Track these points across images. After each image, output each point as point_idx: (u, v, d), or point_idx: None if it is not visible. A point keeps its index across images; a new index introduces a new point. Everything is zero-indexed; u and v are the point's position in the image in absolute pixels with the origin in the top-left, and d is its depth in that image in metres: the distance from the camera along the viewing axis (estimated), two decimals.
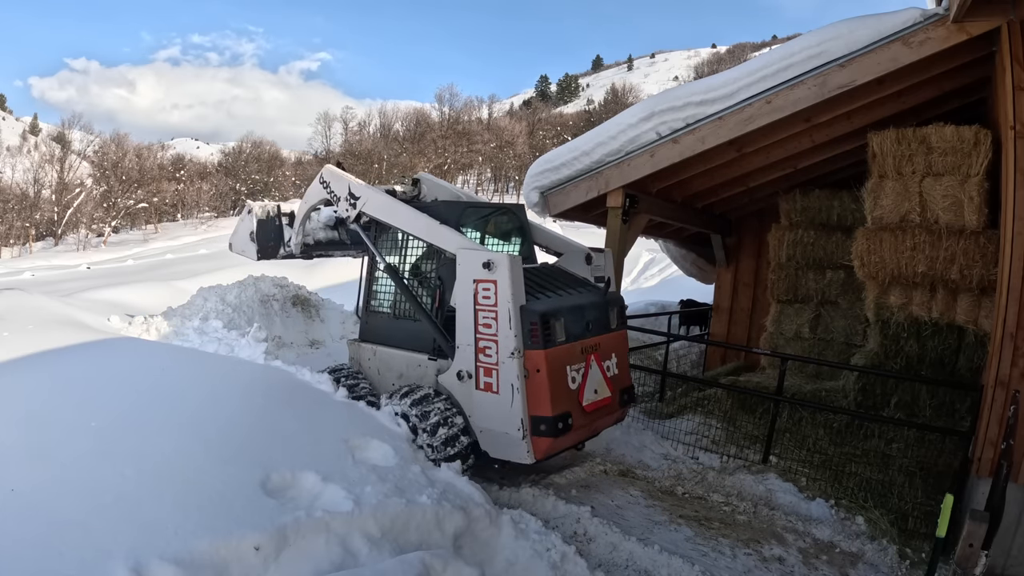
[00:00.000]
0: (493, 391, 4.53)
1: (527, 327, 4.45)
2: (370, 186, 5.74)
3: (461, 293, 4.68)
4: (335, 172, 5.94)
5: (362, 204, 5.54)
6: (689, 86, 6.44)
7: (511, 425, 4.46)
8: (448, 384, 4.87)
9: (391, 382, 5.47)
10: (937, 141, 5.80)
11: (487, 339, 4.53)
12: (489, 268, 4.49)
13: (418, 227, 5.16)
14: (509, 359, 4.43)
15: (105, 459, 3.29)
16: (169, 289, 11.75)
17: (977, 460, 4.61)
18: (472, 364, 4.63)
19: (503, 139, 65.88)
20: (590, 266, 5.70)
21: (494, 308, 4.49)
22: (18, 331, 5.18)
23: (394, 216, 5.35)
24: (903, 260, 6.03)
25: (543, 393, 4.43)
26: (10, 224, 53.86)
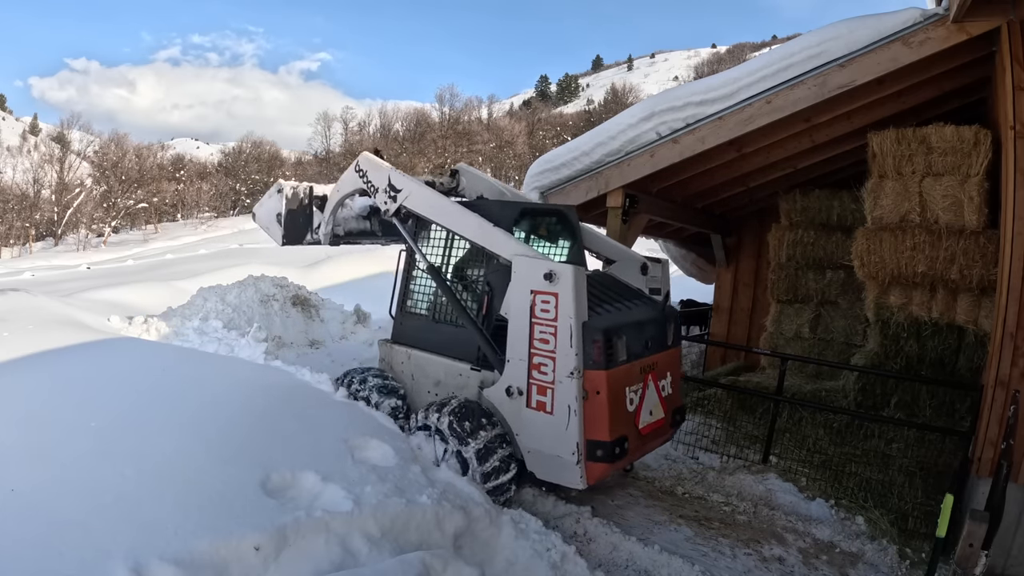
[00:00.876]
0: (546, 411, 4.20)
1: (589, 345, 4.11)
2: (413, 178, 5.36)
3: (515, 303, 4.36)
4: (373, 160, 5.56)
5: (403, 198, 5.14)
6: (689, 86, 6.44)
7: (565, 449, 4.12)
8: (494, 399, 4.53)
9: (427, 389, 5.16)
10: (937, 141, 5.80)
11: (543, 355, 4.20)
12: (551, 280, 4.15)
13: (468, 228, 4.77)
14: (567, 379, 4.10)
15: (105, 459, 3.30)
16: (169, 289, 11.76)
17: (977, 460, 4.61)
18: (524, 380, 4.30)
19: (503, 139, 65.85)
20: (645, 276, 5.33)
21: (553, 323, 4.16)
22: (18, 331, 5.18)
23: (440, 214, 4.97)
24: (903, 260, 6.04)
25: (602, 417, 4.11)
26: (10, 224, 53.83)
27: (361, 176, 5.55)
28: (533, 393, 4.27)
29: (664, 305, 5.16)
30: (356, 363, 7.57)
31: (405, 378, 5.36)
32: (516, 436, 4.41)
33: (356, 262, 19.24)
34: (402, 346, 5.42)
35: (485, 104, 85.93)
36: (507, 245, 4.55)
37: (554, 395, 4.16)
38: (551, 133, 68.68)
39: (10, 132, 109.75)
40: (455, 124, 68.20)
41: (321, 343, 8.36)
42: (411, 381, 5.31)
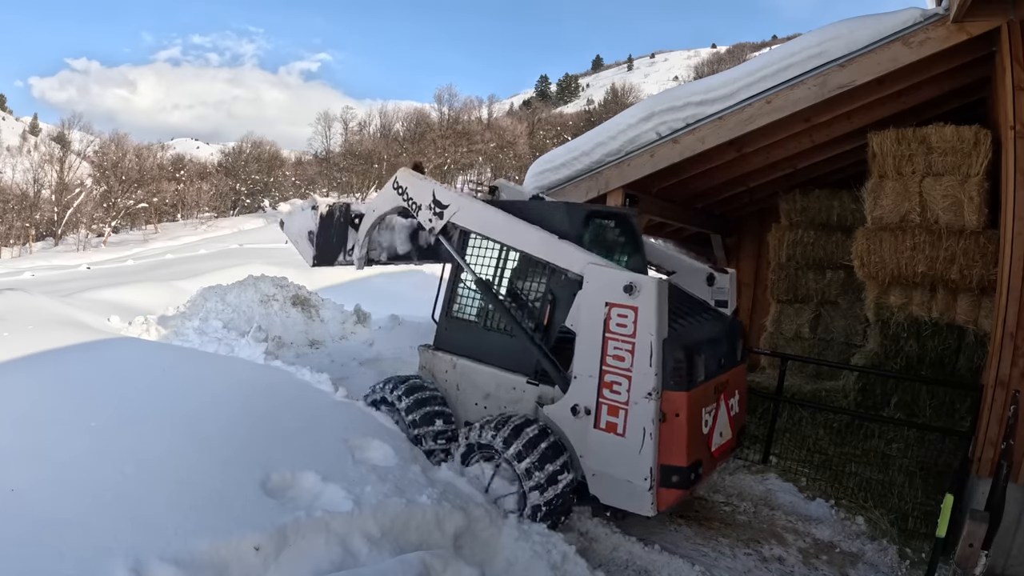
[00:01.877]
0: (618, 433, 3.91)
1: (670, 364, 3.83)
2: (460, 192, 5.08)
3: (586, 316, 4.07)
4: (413, 176, 5.25)
5: (451, 214, 4.84)
6: (689, 86, 6.44)
7: (637, 474, 3.85)
8: (556, 417, 4.25)
9: (474, 401, 4.87)
10: (937, 141, 5.80)
11: (617, 373, 3.91)
12: (631, 292, 3.86)
13: (530, 243, 4.43)
14: (644, 400, 3.82)
15: (105, 459, 3.30)
16: (169, 289, 11.74)
17: (977, 460, 4.61)
18: (593, 399, 4.02)
19: (503, 139, 65.84)
20: (711, 288, 5.07)
21: (631, 339, 3.86)
22: (18, 331, 5.18)
23: (495, 228, 4.64)
24: (903, 260, 6.04)
25: (680, 441, 3.83)
26: (10, 224, 53.83)
27: (400, 193, 5.23)
28: (603, 413, 3.98)
29: (733, 318, 4.94)
30: (356, 363, 7.56)
31: (448, 388, 5.05)
32: (580, 458, 4.14)
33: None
34: (446, 353, 5.09)
35: (485, 104, 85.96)
36: (576, 258, 4.21)
37: (627, 416, 3.88)
38: (551, 133, 68.68)
39: (10, 132, 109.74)
40: (455, 124, 68.16)
41: (321, 343, 8.35)
42: (455, 391, 5.01)
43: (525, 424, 4.25)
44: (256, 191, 72.72)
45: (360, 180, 67.11)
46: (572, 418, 4.13)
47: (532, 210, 4.73)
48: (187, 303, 8.45)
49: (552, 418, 4.27)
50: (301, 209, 5.96)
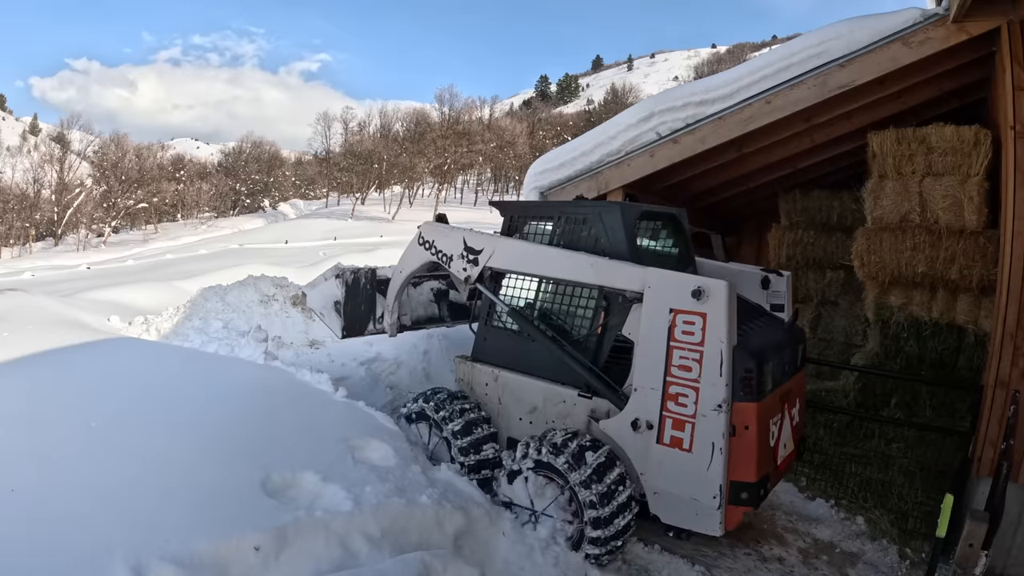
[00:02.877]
0: (683, 449, 3.68)
1: (740, 373, 3.62)
2: (491, 234, 4.84)
3: (648, 323, 3.83)
4: (439, 228, 5.04)
5: (487, 258, 4.63)
6: (689, 86, 6.44)
7: (705, 491, 3.64)
8: (614, 432, 4.00)
9: (518, 416, 4.60)
10: (937, 141, 5.80)
11: (683, 384, 3.68)
12: (699, 297, 3.63)
13: (581, 271, 4.19)
14: (713, 412, 3.60)
15: (105, 459, 3.30)
16: (169, 289, 11.76)
17: (977, 460, 4.61)
18: (656, 413, 3.78)
19: (503, 139, 65.86)
20: (766, 291, 4.84)
21: (699, 347, 3.64)
22: (18, 331, 5.18)
23: (536, 264, 4.43)
24: (903, 260, 6.03)
25: (749, 455, 3.63)
26: (10, 224, 53.86)
27: (427, 248, 5.02)
28: (667, 428, 3.74)
29: (793, 323, 4.76)
30: (356, 363, 7.54)
31: (489, 402, 4.79)
32: (640, 475, 3.90)
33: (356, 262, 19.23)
34: (487, 365, 4.81)
35: (487, 104, 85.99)
36: (633, 275, 3.96)
37: (695, 431, 3.64)
38: (551, 133, 68.71)
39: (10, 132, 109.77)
40: (455, 124, 68.16)
41: (321, 343, 8.33)
42: (497, 405, 4.74)
43: (591, 447, 3.94)
44: (256, 191, 72.78)
45: (360, 180, 67.12)
46: (632, 433, 3.88)
47: (579, 215, 4.51)
48: (187, 303, 8.45)
49: (609, 433, 4.01)
50: (324, 279, 5.68)
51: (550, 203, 5.01)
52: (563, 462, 3.91)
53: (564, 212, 4.68)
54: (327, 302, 5.61)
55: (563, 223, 4.65)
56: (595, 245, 4.38)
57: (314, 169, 76.14)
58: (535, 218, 4.89)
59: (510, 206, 5.10)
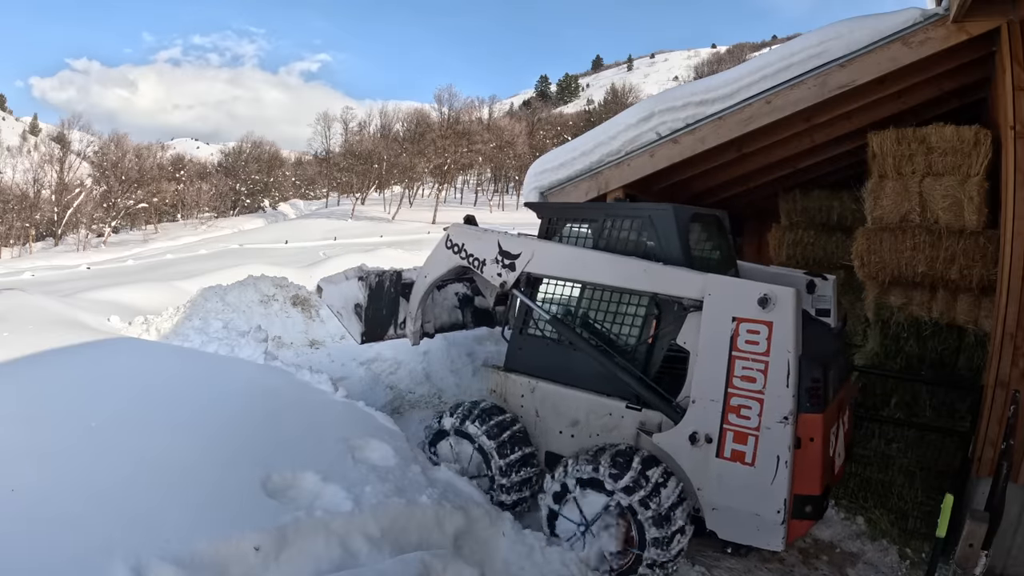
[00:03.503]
0: (746, 463, 3.54)
1: (806, 383, 3.50)
2: (528, 236, 4.60)
3: (708, 332, 3.69)
4: (469, 231, 4.80)
5: (524, 262, 4.38)
6: (689, 86, 6.44)
7: (768, 506, 3.51)
8: (669, 446, 3.82)
9: (558, 430, 4.39)
10: (937, 141, 5.80)
11: (746, 396, 3.54)
12: (765, 306, 3.49)
13: (633, 278, 4.00)
14: (778, 424, 3.45)
15: (105, 459, 3.29)
16: (169, 289, 11.76)
17: (977, 460, 4.61)
18: (716, 426, 3.64)
19: (503, 139, 65.87)
20: (811, 296, 4.69)
21: (764, 358, 3.50)
22: (18, 331, 5.18)
23: (582, 269, 4.21)
24: (903, 260, 6.03)
25: (814, 467, 3.52)
26: (10, 224, 53.88)
27: (456, 251, 4.76)
28: (728, 441, 3.60)
29: (842, 328, 4.57)
30: (356, 363, 7.54)
31: (525, 415, 4.56)
32: (697, 490, 3.74)
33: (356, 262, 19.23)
34: (522, 376, 4.59)
35: (485, 104, 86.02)
36: (692, 282, 3.79)
37: (758, 444, 3.50)
38: (551, 133, 68.76)
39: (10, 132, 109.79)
40: (455, 124, 68.17)
41: (321, 343, 8.34)
42: (534, 418, 4.52)
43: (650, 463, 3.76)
44: (256, 191, 72.82)
45: (360, 180, 67.14)
46: (690, 447, 3.71)
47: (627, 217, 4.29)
48: (187, 303, 8.46)
49: (664, 447, 3.83)
50: (346, 278, 5.37)
51: (593, 204, 4.81)
52: (619, 479, 3.70)
53: (609, 214, 4.44)
54: (347, 303, 5.34)
55: (608, 226, 4.43)
56: (644, 250, 4.18)
57: (314, 169, 76.20)
58: (576, 220, 4.66)
59: (548, 207, 4.89)
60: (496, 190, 70.94)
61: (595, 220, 4.55)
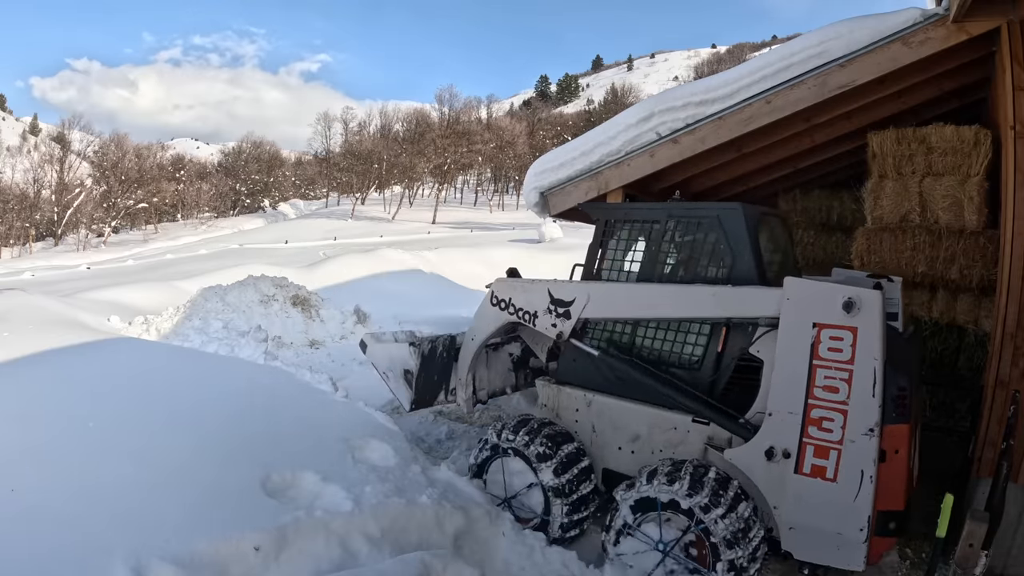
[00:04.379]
0: (827, 478, 3.33)
1: (893, 393, 3.29)
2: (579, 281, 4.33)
3: (787, 339, 3.47)
4: (515, 284, 4.54)
5: (581, 307, 4.14)
6: (689, 86, 6.43)
7: (851, 524, 3.31)
8: (742, 463, 3.60)
9: (617, 446, 4.19)
10: (937, 141, 5.80)
11: (829, 407, 3.33)
12: (850, 310, 3.29)
13: (701, 306, 3.78)
14: (863, 437, 3.26)
15: (105, 459, 3.30)
16: (169, 289, 11.76)
17: (977, 460, 4.60)
18: (794, 440, 3.41)
19: (503, 139, 65.85)
20: None
21: (847, 366, 3.30)
22: (18, 331, 5.19)
23: (646, 305, 3.97)
24: (903, 260, 6.03)
25: (899, 481, 3.33)
26: (10, 224, 53.87)
27: (503, 307, 4.53)
28: (807, 455, 3.38)
29: (916, 333, 4.34)
30: (356, 363, 7.54)
31: (581, 430, 4.34)
32: (772, 509, 3.52)
33: (356, 262, 19.25)
34: (576, 389, 4.38)
35: (485, 104, 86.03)
36: (767, 298, 3.57)
37: (840, 458, 3.30)
38: (551, 133, 68.72)
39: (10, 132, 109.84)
40: (455, 124, 68.17)
41: (321, 343, 8.35)
42: (590, 434, 4.30)
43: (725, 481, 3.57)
44: (256, 191, 72.81)
45: (360, 180, 67.15)
46: (765, 463, 3.49)
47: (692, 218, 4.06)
48: (187, 303, 8.46)
49: (736, 463, 3.61)
50: (395, 340, 5.12)
51: (655, 204, 4.52)
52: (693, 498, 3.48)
53: (673, 214, 4.19)
54: (394, 366, 5.11)
55: (671, 227, 4.22)
56: (711, 254, 4.02)
57: (314, 169, 76.18)
58: (636, 221, 4.42)
59: (605, 208, 4.61)
60: (496, 190, 70.91)
61: (657, 221, 4.29)
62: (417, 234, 43.50)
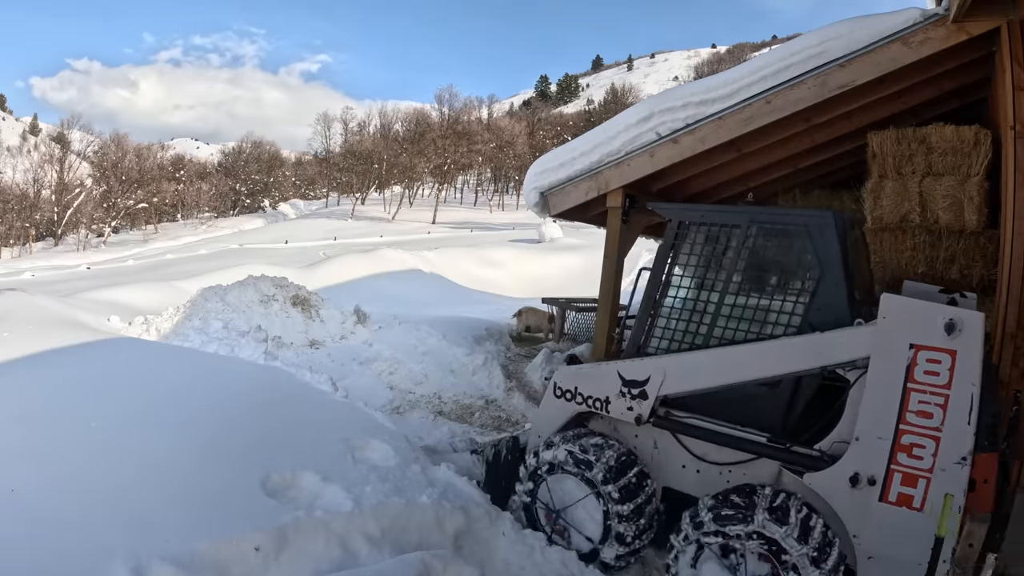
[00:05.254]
0: (913, 507, 3.15)
1: (985, 419, 3.12)
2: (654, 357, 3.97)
3: (881, 360, 3.28)
4: (579, 371, 4.26)
5: (657, 386, 3.86)
6: (689, 86, 6.43)
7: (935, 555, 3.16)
8: (823, 488, 3.39)
9: (680, 464, 3.97)
10: (937, 141, 5.80)
11: (922, 433, 3.15)
12: (951, 331, 3.11)
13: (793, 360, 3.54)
14: (955, 465, 3.08)
15: (105, 459, 3.30)
16: (169, 289, 11.77)
17: None
18: (882, 466, 3.23)
19: (503, 139, 65.85)
20: None
21: (944, 390, 3.12)
22: (18, 331, 5.18)
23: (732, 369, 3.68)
24: (903, 260, 6.03)
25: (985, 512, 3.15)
26: (10, 224, 53.88)
27: (569, 398, 4.21)
28: (894, 483, 3.21)
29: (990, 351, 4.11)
30: (356, 363, 7.55)
31: (641, 446, 4.11)
32: (853, 538, 3.33)
33: (356, 262, 19.26)
34: None
35: (485, 104, 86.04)
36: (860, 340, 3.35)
37: (929, 486, 3.13)
38: (551, 133, 68.72)
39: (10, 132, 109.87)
40: (455, 124, 68.16)
41: (321, 343, 8.35)
42: (651, 450, 4.08)
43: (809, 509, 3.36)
44: (256, 191, 72.82)
45: (360, 180, 67.18)
46: (849, 490, 3.30)
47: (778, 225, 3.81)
48: (187, 303, 8.47)
49: (817, 489, 3.40)
50: (454, 451, 4.96)
51: (736, 208, 4.23)
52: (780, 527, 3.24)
53: (756, 219, 3.88)
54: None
55: (752, 234, 3.93)
56: (797, 266, 3.80)
57: (314, 169, 76.21)
58: (714, 224, 4.12)
59: (678, 210, 4.35)
60: (496, 190, 70.90)
61: (736, 226, 3.99)
62: (417, 234, 43.52)
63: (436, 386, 7.08)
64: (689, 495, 3.88)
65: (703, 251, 4.11)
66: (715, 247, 4.09)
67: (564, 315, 10.73)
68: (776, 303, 3.78)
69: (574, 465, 3.96)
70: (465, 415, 6.56)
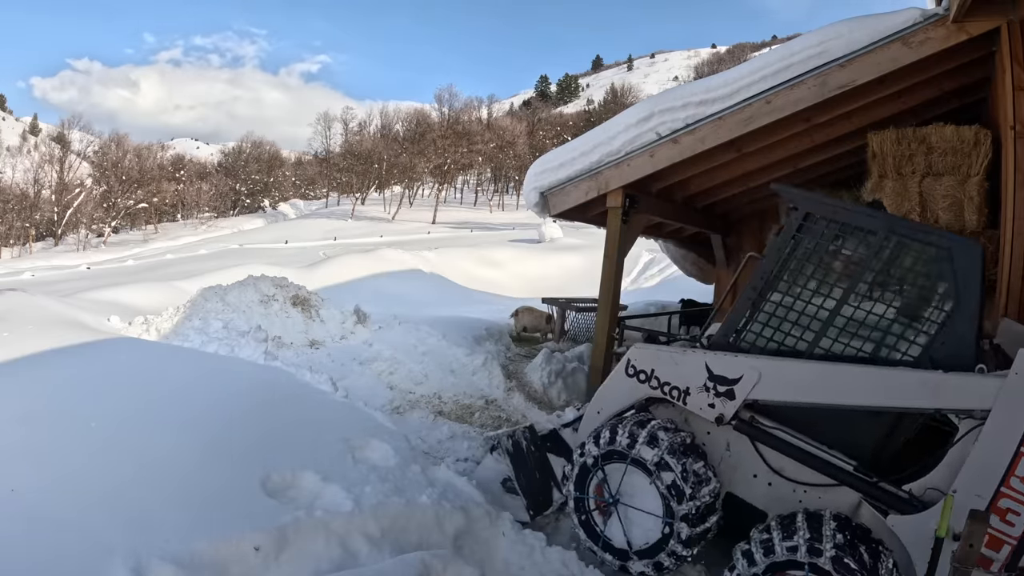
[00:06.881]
0: (990, 571, 3.01)
1: None
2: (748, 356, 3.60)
3: (999, 418, 3.02)
4: (659, 352, 3.89)
5: (749, 387, 3.50)
6: (689, 86, 6.44)
7: None
8: (907, 535, 3.17)
9: (753, 474, 3.68)
10: (937, 141, 5.80)
11: (1019, 500, 2.96)
12: None
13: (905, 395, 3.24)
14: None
15: (105, 459, 3.30)
16: (169, 289, 11.77)
17: None
18: None
19: (503, 139, 65.85)
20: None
21: None
22: (18, 331, 5.18)
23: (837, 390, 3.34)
24: None
25: None
26: (10, 224, 53.89)
27: (644, 380, 3.85)
28: None
29: None
30: (356, 363, 7.53)
31: (712, 444, 3.80)
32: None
33: (356, 262, 19.26)
34: None
35: (485, 104, 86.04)
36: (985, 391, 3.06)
37: (1011, 554, 2.98)
38: (551, 133, 68.72)
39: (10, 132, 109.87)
40: (455, 124, 68.16)
41: (321, 343, 8.34)
42: (723, 451, 3.79)
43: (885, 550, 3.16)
44: (256, 191, 72.84)
45: (360, 180, 67.19)
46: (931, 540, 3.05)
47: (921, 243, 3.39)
48: (187, 303, 8.46)
49: (900, 534, 3.18)
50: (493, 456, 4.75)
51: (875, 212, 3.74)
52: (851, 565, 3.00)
53: (896, 230, 3.45)
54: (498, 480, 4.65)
55: (889, 245, 3.50)
56: (930, 291, 3.43)
57: (314, 169, 76.23)
58: (847, 224, 3.60)
59: (810, 200, 3.75)
60: (496, 190, 70.92)
61: (873, 232, 3.51)
62: (417, 234, 43.53)
63: (436, 386, 7.08)
64: (754, 507, 3.65)
65: (828, 250, 3.67)
66: (843, 249, 3.66)
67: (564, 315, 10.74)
68: (897, 326, 3.43)
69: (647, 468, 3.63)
70: (465, 415, 6.55)
